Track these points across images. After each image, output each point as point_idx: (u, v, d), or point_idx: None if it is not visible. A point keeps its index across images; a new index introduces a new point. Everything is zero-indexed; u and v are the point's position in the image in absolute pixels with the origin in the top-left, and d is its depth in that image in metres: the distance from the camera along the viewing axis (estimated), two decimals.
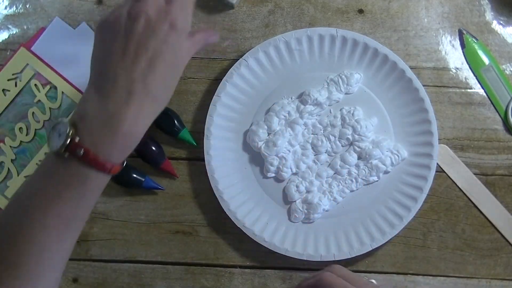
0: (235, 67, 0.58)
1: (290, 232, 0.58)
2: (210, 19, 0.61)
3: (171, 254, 0.60)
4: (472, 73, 0.60)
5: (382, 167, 0.57)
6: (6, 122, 0.62)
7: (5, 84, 0.61)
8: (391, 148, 0.57)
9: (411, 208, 0.56)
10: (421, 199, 0.56)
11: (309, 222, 0.58)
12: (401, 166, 0.57)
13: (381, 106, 0.58)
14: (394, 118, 0.58)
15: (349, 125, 0.57)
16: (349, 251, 0.56)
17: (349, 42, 0.58)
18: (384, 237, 0.56)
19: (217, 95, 0.58)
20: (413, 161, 0.57)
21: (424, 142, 0.57)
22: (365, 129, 0.57)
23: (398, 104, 0.58)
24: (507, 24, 0.60)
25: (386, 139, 0.57)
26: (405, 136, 0.58)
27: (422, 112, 0.57)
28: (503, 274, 0.58)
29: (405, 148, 0.57)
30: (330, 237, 0.57)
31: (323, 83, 0.59)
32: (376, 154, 0.56)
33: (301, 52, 0.59)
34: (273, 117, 0.58)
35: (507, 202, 0.58)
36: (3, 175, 0.61)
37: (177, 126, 0.59)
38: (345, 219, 0.57)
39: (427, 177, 0.56)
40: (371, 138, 0.57)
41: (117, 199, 0.61)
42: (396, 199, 0.57)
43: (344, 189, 0.57)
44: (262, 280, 0.59)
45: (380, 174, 0.57)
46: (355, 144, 0.57)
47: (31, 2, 0.63)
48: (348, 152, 0.58)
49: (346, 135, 0.57)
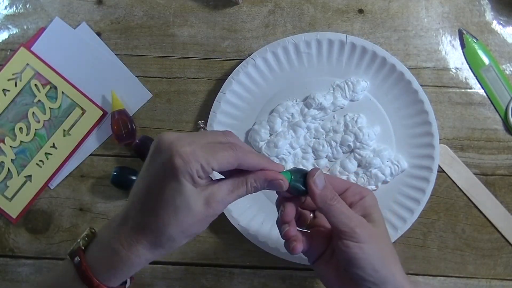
0: (242, 65, 0.58)
1: None
2: (210, 19, 0.61)
3: (171, 254, 0.60)
4: (472, 73, 0.60)
5: (381, 177, 0.56)
6: (6, 122, 0.62)
7: (5, 84, 0.61)
8: (392, 158, 0.57)
9: (414, 211, 0.56)
10: (424, 201, 0.56)
11: None
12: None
13: (385, 115, 0.58)
14: (397, 128, 0.58)
15: (352, 132, 0.57)
16: None
17: (358, 49, 0.57)
18: None
19: (222, 92, 0.58)
20: (415, 163, 0.57)
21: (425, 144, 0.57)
22: (367, 137, 0.56)
23: (403, 115, 0.58)
24: (507, 24, 0.60)
25: (387, 148, 0.57)
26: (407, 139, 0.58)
27: (425, 125, 0.57)
28: (503, 274, 0.58)
29: (406, 150, 0.57)
30: None
31: (329, 88, 0.58)
32: (376, 163, 0.56)
33: (310, 55, 0.58)
34: (277, 118, 0.58)
35: (507, 202, 0.58)
36: (3, 175, 0.61)
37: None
38: None
39: (429, 179, 0.56)
40: (373, 146, 0.57)
41: (117, 199, 0.61)
42: (398, 201, 0.57)
43: None
44: (262, 280, 0.59)
45: (379, 184, 0.57)
46: (356, 152, 0.57)
47: (31, 2, 0.63)
48: (348, 159, 0.57)
49: (347, 141, 0.57)
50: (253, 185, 0.39)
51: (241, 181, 0.39)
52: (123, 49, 0.62)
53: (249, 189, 0.39)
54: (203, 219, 0.38)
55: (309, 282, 0.59)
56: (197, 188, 0.37)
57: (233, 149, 0.38)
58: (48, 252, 0.61)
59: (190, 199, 0.36)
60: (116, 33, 0.62)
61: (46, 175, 0.61)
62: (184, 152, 0.36)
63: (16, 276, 0.61)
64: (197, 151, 0.36)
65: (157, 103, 0.61)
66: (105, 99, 0.61)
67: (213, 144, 0.38)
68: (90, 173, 0.61)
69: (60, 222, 0.61)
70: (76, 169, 0.61)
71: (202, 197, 0.37)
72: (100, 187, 0.61)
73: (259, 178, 0.39)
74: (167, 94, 0.61)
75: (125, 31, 0.62)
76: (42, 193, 0.62)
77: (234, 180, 0.39)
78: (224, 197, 0.38)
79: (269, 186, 0.40)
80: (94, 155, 0.61)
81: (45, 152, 0.61)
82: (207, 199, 0.37)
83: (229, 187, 0.39)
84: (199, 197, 0.37)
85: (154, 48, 0.61)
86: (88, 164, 0.61)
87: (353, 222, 0.41)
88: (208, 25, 0.61)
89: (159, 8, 0.62)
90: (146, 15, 0.62)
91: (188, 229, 0.37)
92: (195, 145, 0.36)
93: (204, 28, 0.61)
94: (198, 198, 0.37)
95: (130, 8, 0.62)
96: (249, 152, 0.39)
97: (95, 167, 0.61)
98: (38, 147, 0.61)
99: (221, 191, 0.38)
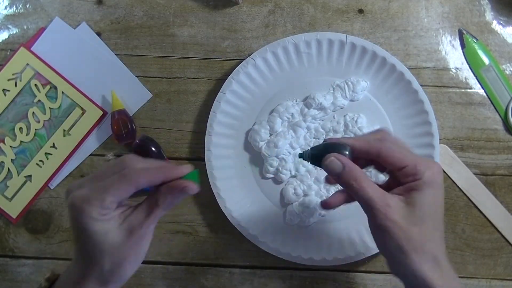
0: (242, 65, 0.58)
1: (284, 234, 0.57)
2: (210, 19, 0.61)
3: (171, 254, 0.60)
4: (472, 73, 0.60)
5: (381, 177, 0.56)
6: (6, 122, 0.62)
7: (5, 84, 0.61)
8: None
9: None
10: None
11: (304, 226, 0.57)
12: None
13: (385, 115, 0.58)
14: (397, 128, 0.58)
15: (352, 132, 0.57)
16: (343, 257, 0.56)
17: (358, 49, 0.57)
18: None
19: (222, 92, 0.58)
20: None
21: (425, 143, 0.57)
22: None
23: (403, 115, 0.58)
24: (507, 24, 0.60)
25: None
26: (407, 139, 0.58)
27: (425, 125, 0.57)
28: (503, 274, 0.58)
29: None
30: (324, 241, 0.57)
31: (329, 88, 0.58)
32: None
33: (310, 55, 0.58)
34: (277, 118, 0.58)
35: (507, 202, 0.58)
36: (3, 175, 0.61)
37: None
38: (340, 225, 0.57)
39: None
40: None
41: None
42: None
43: None
44: (262, 280, 0.59)
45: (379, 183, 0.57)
46: None
47: (31, 2, 0.63)
48: None
49: None
50: (165, 203, 0.40)
51: (153, 202, 0.40)
52: (123, 49, 0.62)
53: (163, 208, 0.40)
54: (134, 247, 0.40)
55: (309, 282, 0.59)
56: (112, 224, 0.39)
57: (125, 176, 0.39)
58: (48, 252, 0.61)
59: (108, 237, 0.39)
60: (116, 33, 0.62)
61: (46, 175, 0.61)
62: (77, 201, 0.38)
63: (16, 276, 0.61)
64: (88, 195, 0.38)
65: (157, 103, 0.61)
66: (105, 99, 0.61)
67: (108, 178, 0.39)
68: (90, 173, 0.61)
69: (60, 222, 0.61)
70: (76, 169, 0.62)
71: (122, 229, 0.39)
72: None
73: (164, 195, 0.40)
74: (167, 94, 0.61)
75: (125, 31, 0.62)
76: (42, 193, 0.62)
77: (147, 203, 0.41)
78: (142, 222, 0.40)
79: (180, 196, 0.41)
80: (94, 155, 0.61)
81: (45, 152, 0.61)
82: (128, 229, 0.39)
83: (144, 211, 0.40)
84: (119, 231, 0.39)
85: (154, 48, 0.61)
86: (88, 164, 0.61)
87: (378, 204, 0.39)
88: (208, 25, 0.61)
89: (159, 8, 0.62)
90: (146, 15, 0.62)
91: (125, 261, 0.40)
92: (86, 189, 0.38)
93: (204, 28, 0.61)
94: (117, 233, 0.39)
95: (130, 8, 0.62)
96: (143, 171, 0.39)
97: (95, 167, 0.61)
98: (38, 147, 0.61)
99: (137, 218, 0.40)
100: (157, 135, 0.61)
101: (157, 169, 0.40)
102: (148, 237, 0.41)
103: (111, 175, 0.39)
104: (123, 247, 0.39)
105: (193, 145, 0.60)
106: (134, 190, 0.39)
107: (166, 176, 0.40)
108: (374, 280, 0.59)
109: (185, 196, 0.40)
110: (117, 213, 0.40)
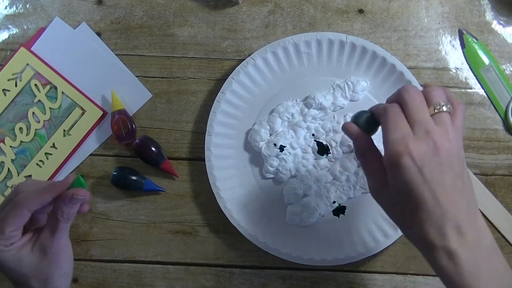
0: (242, 65, 0.58)
1: (284, 234, 0.57)
2: (210, 19, 0.61)
3: (171, 254, 0.60)
4: (472, 73, 0.60)
5: None
6: (6, 122, 0.62)
7: (5, 84, 0.61)
8: None
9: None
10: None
11: (304, 226, 0.57)
12: None
13: None
14: None
15: None
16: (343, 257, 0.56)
17: (358, 49, 0.57)
18: (378, 246, 0.56)
19: (222, 92, 0.58)
20: None
21: None
22: None
23: None
24: (507, 24, 0.60)
25: None
26: None
27: None
28: None
29: None
30: (324, 241, 0.57)
31: (329, 88, 0.58)
32: None
33: (310, 55, 0.58)
34: (277, 118, 0.58)
35: (507, 202, 0.58)
36: (3, 175, 0.61)
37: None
38: (340, 226, 0.57)
39: None
40: None
41: (117, 199, 0.61)
42: None
43: (341, 195, 0.57)
44: (262, 280, 0.59)
45: None
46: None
47: (31, 2, 0.63)
48: (348, 158, 0.57)
49: (347, 141, 0.57)
50: (62, 215, 0.43)
51: (54, 218, 0.43)
52: (123, 49, 0.62)
53: (64, 220, 0.43)
54: (53, 263, 0.43)
55: (309, 282, 0.59)
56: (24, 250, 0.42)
57: (15, 204, 0.42)
58: None
59: (23, 263, 0.42)
60: (116, 33, 0.62)
61: (46, 175, 0.61)
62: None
63: None
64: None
65: (157, 103, 0.61)
66: (105, 99, 0.61)
67: (3, 210, 0.42)
68: (90, 173, 0.61)
69: None
70: (76, 169, 0.61)
71: (35, 251, 0.43)
72: (100, 187, 0.61)
73: (60, 208, 0.43)
74: (167, 94, 0.61)
75: (125, 31, 0.62)
76: None
77: (50, 220, 0.43)
78: (51, 239, 0.43)
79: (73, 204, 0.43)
80: (94, 155, 0.61)
81: (45, 152, 0.61)
82: (40, 250, 0.43)
83: (49, 229, 0.43)
84: (32, 254, 0.43)
85: (154, 48, 0.61)
86: (88, 164, 0.61)
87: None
88: (208, 25, 0.61)
89: (159, 8, 0.62)
90: (146, 15, 0.62)
91: (52, 277, 0.43)
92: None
93: (204, 28, 0.61)
94: (31, 256, 0.43)
95: (130, 8, 0.62)
96: (32, 194, 0.42)
97: (95, 167, 0.61)
98: (38, 147, 0.61)
99: (45, 237, 0.43)
100: (157, 135, 0.61)
101: (44, 188, 0.43)
102: (65, 249, 0.44)
103: (6, 205, 0.42)
104: (42, 266, 0.43)
105: (193, 145, 0.60)
106: (29, 214, 0.42)
107: (53, 191, 0.43)
108: (374, 280, 0.59)
109: (78, 202, 0.43)
110: (27, 239, 0.43)
